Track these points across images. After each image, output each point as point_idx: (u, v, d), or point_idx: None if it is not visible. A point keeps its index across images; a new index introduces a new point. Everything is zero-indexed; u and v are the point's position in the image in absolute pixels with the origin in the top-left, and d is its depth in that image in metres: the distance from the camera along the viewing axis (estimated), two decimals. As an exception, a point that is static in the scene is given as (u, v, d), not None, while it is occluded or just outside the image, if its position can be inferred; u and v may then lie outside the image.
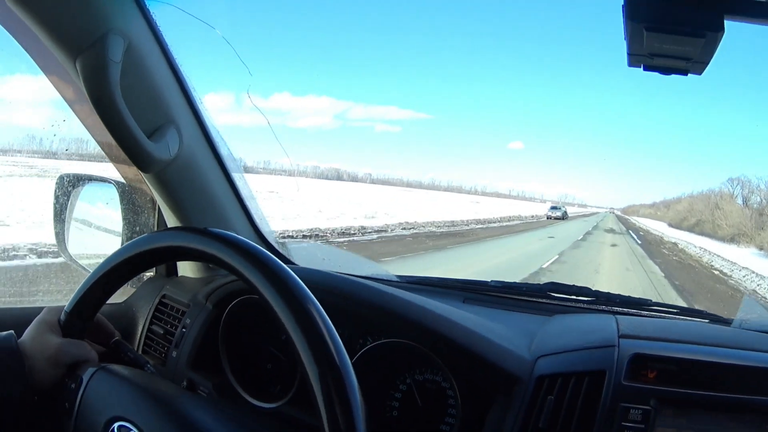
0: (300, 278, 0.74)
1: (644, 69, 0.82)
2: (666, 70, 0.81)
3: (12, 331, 0.89)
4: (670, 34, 0.73)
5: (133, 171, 1.31)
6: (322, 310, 0.71)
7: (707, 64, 0.79)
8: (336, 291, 1.15)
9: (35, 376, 0.85)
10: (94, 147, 1.30)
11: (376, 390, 1.12)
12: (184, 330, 1.30)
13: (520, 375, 0.99)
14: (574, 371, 0.95)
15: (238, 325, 1.28)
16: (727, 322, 1.22)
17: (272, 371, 1.27)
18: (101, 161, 1.35)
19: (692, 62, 0.78)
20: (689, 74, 0.81)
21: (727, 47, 0.74)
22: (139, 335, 1.39)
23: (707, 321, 1.26)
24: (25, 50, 1.15)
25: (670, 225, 45.00)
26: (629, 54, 0.79)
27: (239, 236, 0.81)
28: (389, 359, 1.12)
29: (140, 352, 1.36)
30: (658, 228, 40.71)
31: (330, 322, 0.70)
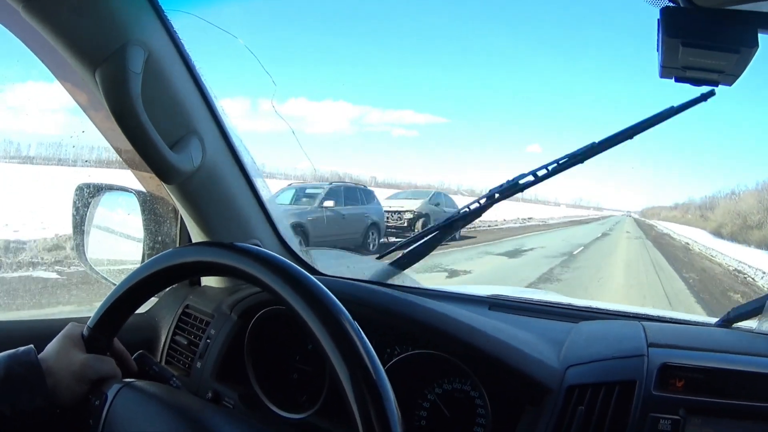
0: (329, 290, 0.73)
1: (675, 80, 0.82)
2: (697, 82, 0.81)
3: (32, 346, 0.88)
4: (705, 49, 0.73)
5: (154, 180, 1.30)
6: (355, 323, 0.70)
7: (738, 76, 0.79)
8: (364, 302, 1.15)
9: (58, 392, 0.85)
10: (114, 156, 1.29)
11: (404, 400, 1.11)
12: (208, 341, 1.30)
13: (550, 385, 0.99)
14: (604, 381, 0.95)
15: (262, 335, 1.28)
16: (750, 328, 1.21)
17: (298, 381, 1.27)
18: (121, 168, 1.34)
19: (724, 74, 0.78)
20: (720, 85, 0.81)
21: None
22: (162, 346, 1.39)
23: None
24: (42, 62, 1.14)
25: (716, 234, 32.35)
26: (662, 66, 0.79)
27: (268, 251, 0.79)
28: (418, 369, 1.12)
29: (164, 363, 1.37)
30: (702, 239, 27.27)
31: (363, 334, 0.69)
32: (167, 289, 1.47)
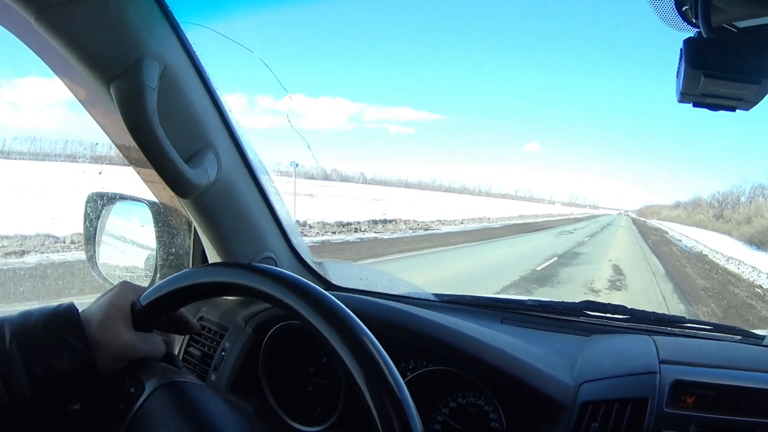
0: (349, 308, 0.73)
1: (694, 106, 0.82)
2: (715, 108, 0.81)
3: (73, 303, 0.83)
4: (727, 80, 0.73)
5: (167, 191, 1.29)
6: (376, 341, 0.70)
7: (756, 104, 0.79)
8: (381, 319, 1.16)
9: (98, 365, 0.80)
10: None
11: (419, 413, 1.11)
12: (223, 353, 1.30)
13: (564, 401, 1.01)
14: (617, 398, 0.97)
15: (276, 348, 1.28)
16: (759, 338, 1.23)
17: (312, 394, 1.27)
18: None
19: (744, 102, 0.79)
20: (737, 111, 0.81)
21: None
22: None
23: (740, 338, 1.26)
24: (56, 73, 1.13)
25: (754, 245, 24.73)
26: (681, 93, 0.79)
27: (301, 279, 0.78)
28: (433, 383, 1.14)
29: None
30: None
31: (384, 352, 0.69)
32: None
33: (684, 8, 0.78)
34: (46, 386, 0.77)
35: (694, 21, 0.76)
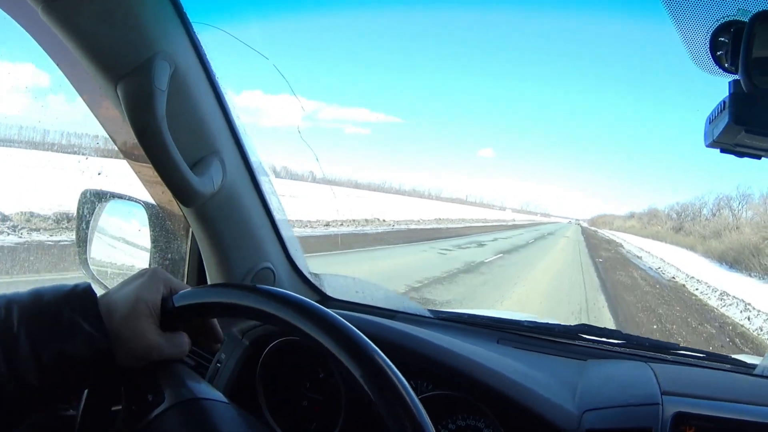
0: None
1: (721, 152, 0.82)
2: (742, 155, 0.82)
3: (89, 284, 0.76)
4: (765, 136, 0.74)
5: (166, 194, 1.25)
6: (390, 362, 0.70)
7: None
8: (388, 341, 1.14)
9: (116, 357, 0.73)
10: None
11: None
12: (218, 365, 1.27)
13: (568, 429, 1.02)
14: (621, 428, 0.99)
15: (273, 363, 1.26)
16: (750, 368, 1.25)
17: (308, 409, 1.25)
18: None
19: None
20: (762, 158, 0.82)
21: None
22: None
23: (730, 366, 1.29)
24: (59, 68, 1.08)
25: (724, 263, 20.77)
26: (714, 140, 0.79)
27: (315, 304, 0.76)
28: (436, 405, 1.13)
29: None
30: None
31: (399, 371, 0.69)
32: None
33: (719, 53, 0.78)
34: (55, 375, 0.70)
35: (726, 66, 0.76)
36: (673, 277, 17.03)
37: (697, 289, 14.38)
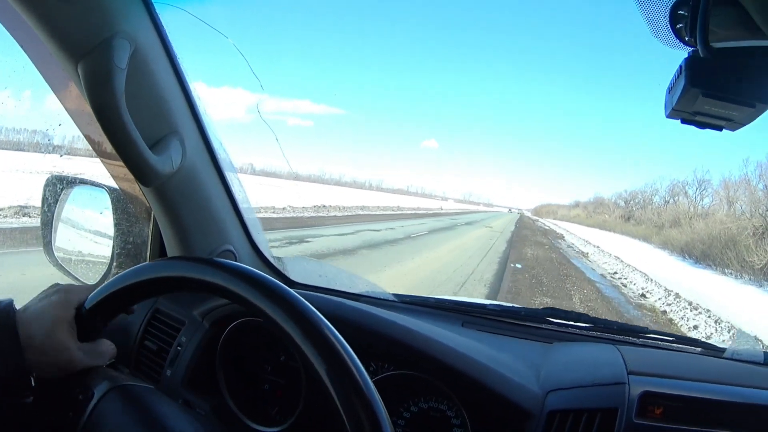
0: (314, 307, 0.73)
1: (681, 122, 0.83)
2: (703, 126, 0.82)
3: (12, 299, 0.79)
4: (723, 101, 0.74)
5: (128, 178, 1.25)
6: (346, 343, 0.70)
7: (744, 126, 0.80)
8: (345, 320, 1.13)
9: (35, 370, 0.76)
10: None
11: None
12: (179, 348, 1.26)
13: (531, 410, 1.01)
14: (586, 408, 0.97)
15: (234, 345, 1.25)
16: (719, 351, 1.25)
17: (270, 393, 1.24)
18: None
19: (732, 123, 0.80)
20: (723, 130, 0.82)
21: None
22: (132, 351, 1.33)
23: (700, 350, 1.28)
24: (22, 48, 1.09)
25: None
26: (673, 108, 0.80)
27: (264, 275, 0.77)
28: (395, 387, 1.12)
29: (134, 368, 1.31)
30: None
31: (353, 353, 0.69)
32: None
33: (678, 26, 0.79)
34: None
35: (686, 39, 0.77)
36: (643, 294, 11.30)
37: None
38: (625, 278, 13.47)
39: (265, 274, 0.77)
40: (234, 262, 0.81)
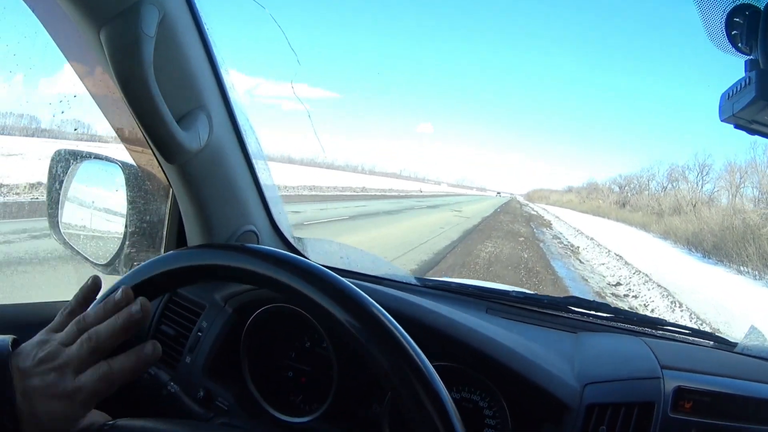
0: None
1: (735, 127, 0.82)
2: (754, 132, 0.81)
3: (9, 341, 0.71)
4: None
5: (146, 153, 1.18)
6: (414, 342, 0.71)
7: None
8: (395, 311, 1.09)
9: (24, 424, 0.68)
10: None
11: None
12: (199, 334, 1.21)
13: (570, 403, 1.00)
14: (624, 402, 0.97)
15: (257, 331, 1.21)
16: (731, 345, 1.26)
17: (293, 380, 1.21)
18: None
19: None
20: None
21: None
22: (146, 337, 1.24)
23: (713, 343, 1.29)
24: (36, 15, 1.01)
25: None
26: (733, 115, 0.78)
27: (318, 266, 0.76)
28: None
29: None
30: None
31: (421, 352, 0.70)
32: None
33: (734, 32, 0.77)
34: None
35: (739, 46, 0.76)
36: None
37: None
38: (635, 295, 9.72)
39: (330, 272, 0.76)
40: (291, 255, 0.77)
